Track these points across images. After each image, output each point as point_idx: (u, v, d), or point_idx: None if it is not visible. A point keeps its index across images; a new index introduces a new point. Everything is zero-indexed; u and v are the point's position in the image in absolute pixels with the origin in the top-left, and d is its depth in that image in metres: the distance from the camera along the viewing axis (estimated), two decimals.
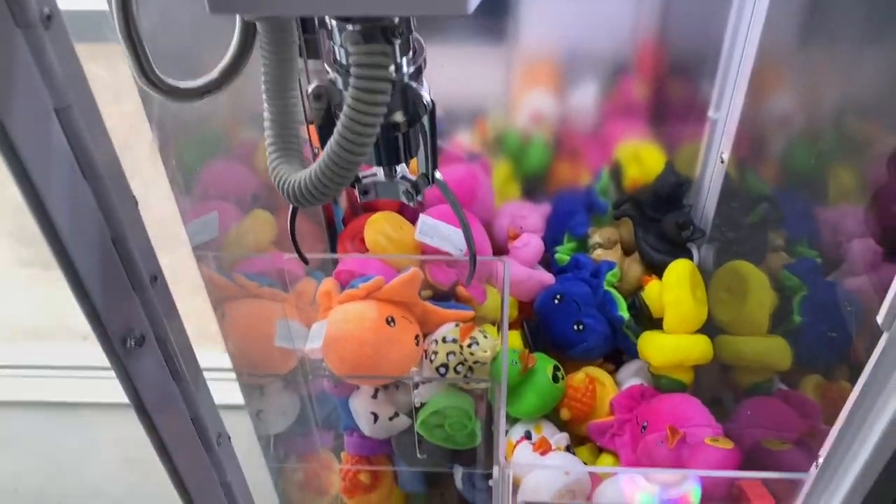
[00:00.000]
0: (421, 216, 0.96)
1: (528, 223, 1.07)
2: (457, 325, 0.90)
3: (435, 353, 0.88)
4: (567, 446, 0.90)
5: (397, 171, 0.54)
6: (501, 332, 0.86)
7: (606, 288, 1.00)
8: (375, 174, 0.56)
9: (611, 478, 0.81)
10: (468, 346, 0.86)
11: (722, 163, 0.96)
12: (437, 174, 0.54)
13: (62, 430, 1.32)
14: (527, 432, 0.93)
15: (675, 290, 0.94)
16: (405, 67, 0.45)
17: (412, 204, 0.56)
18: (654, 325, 0.98)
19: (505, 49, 0.97)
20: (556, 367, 0.94)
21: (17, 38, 0.32)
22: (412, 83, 0.46)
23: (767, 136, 0.90)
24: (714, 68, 0.94)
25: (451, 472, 1.02)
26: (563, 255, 1.08)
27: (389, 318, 0.86)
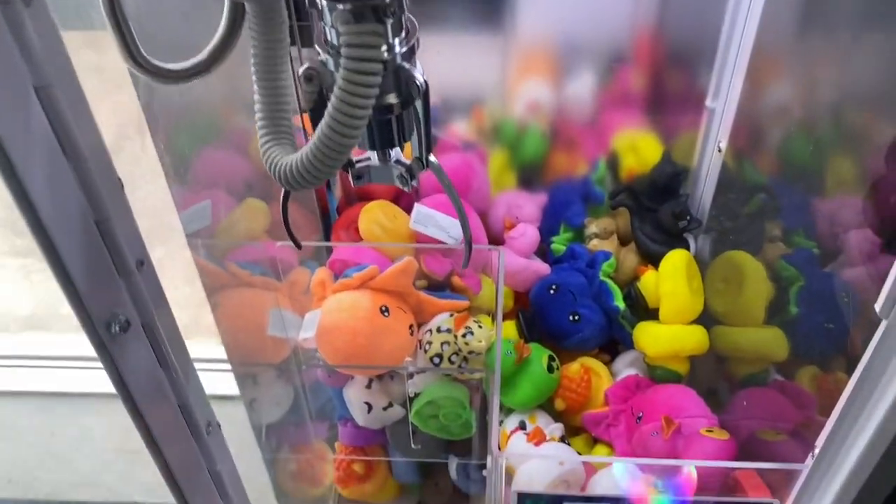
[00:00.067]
0: (416, 205, 0.96)
1: (524, 213, 1.06)
2: (451, 315, 0.90)
3: (429, 342, 0.88)
4: (561, 437, 0.90)
5: (391, 155, 0.54)
6: (496, 322, 0.86)
7: (602, 278, 1.00)
8: (369, 159, 0.55)
9: (605, 468, 0.81)
10: (463, 335, 0.86)
11: (720, 151, 0.96)
12: (432, 158, 0.53)
13: (56, 419, 1.32)
14: (521, 422, 0.93)
15: (672, 280, 0.94)
16: (397, 48, 0.44)
17: (407, 189, 0.56)
18: (649, 315, 0.98)
19: (502, 37, 0.96)
20: (552, 358, 0.94)
21: None
22: (405, 64, 0.45)
23: (765, 126, 0.90)
24: (712, 57, 0.93)
25: (446, 462, 1.02)
26: (559, 245, 1.08)
27: (383, 308, 0.85)
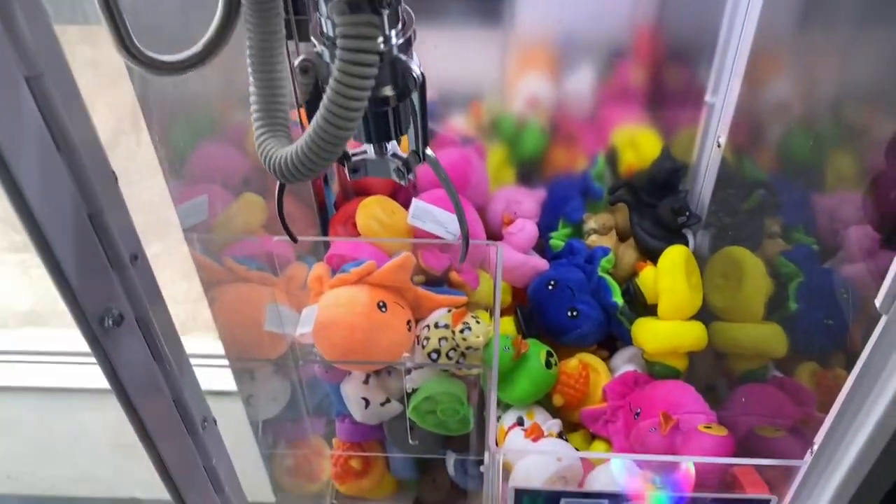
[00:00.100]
0: (414, 200, 0.95)
1: (522, 208, 1.06)
2: (449, 311, 0.89)
3: (427, 338, 0.88)
4: (559, 432, 0.89)
5: (388, 148, 0.53)
6: (494, 318, 0.86)
7: (601, 274, 0.99)
8: (366, 152, 0.54)
9: (603, 464, 0.81)
10: (460, 331, 0.86)
11: (719, 147, 0.95)
12: (429, 151, 0.53)
13: (54, 414, 1.32)
14: (519, 418, 0.92)
15: (670, 276, 0.93)
16: (394, 39, 0.44)
17: (403, 182, 0.55)
18: (648, 311, 0.98)
19: (501, 32, 0.95)
20: (550, 353, 0.93)
21: None
22: (401, 56, 0.45)
23: (764, 122, 0.89)
24: (711, 52, 0.93)
25: (443, 458, 1.01)
26: (557, 240, 1.07)
27: (381, 303, 0.85)
